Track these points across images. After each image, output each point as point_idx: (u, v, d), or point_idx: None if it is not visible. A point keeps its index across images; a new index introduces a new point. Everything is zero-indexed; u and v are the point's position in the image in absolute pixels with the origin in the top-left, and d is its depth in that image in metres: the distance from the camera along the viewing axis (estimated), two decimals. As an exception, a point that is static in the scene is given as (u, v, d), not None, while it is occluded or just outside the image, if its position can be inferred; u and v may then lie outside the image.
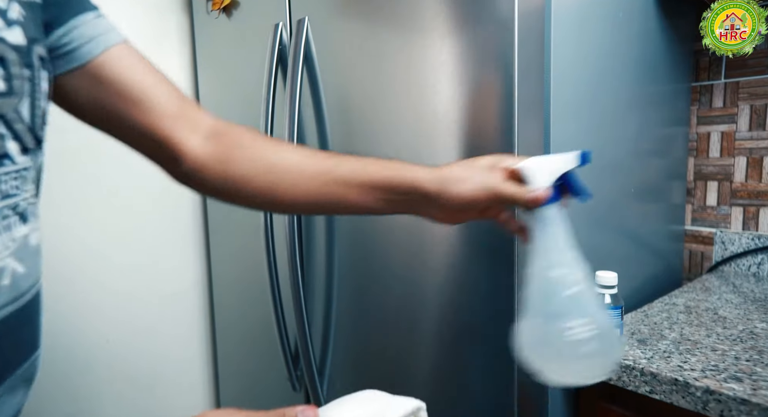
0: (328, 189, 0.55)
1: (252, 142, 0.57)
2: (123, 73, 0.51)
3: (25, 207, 0.40)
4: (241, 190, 0.56)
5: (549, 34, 0.68)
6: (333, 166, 0.56)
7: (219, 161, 0.55)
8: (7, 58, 0.37)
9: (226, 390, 1.33)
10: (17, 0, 0.39)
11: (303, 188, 0.55)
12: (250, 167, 0.55)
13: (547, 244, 0.53)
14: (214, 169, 0.55)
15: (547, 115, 0.70)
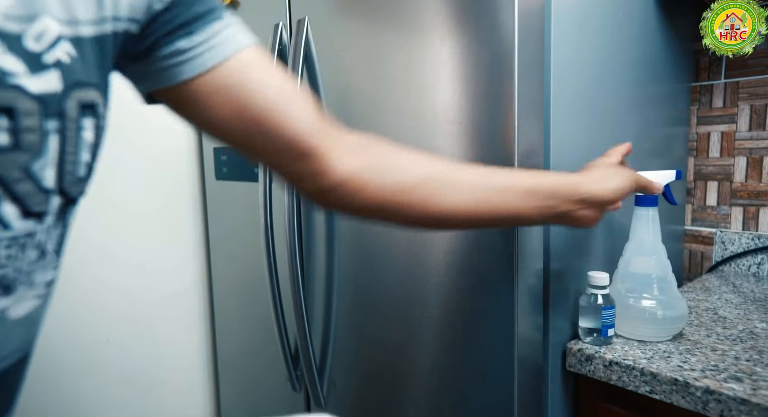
0: (486, 197, 0.54)
1: (401, 153, 0.54)
2: (261, 78, 0.47)
3: (14, 277, 0.35)
4: (397, 202, 0.52)
5: (549, 34, 0.68)
6: (489, 174, 0.55)
7: (373, 171, 0.51)
8: (17, 109, 0.31)
9: (226, 390, 1.33)
10: (70, 38, 0.34)
11: (462, 197, 0.53)
12: (407, 177, 0.52)
13: (641, 235, 0.75)
14: (369, 180, 0.51)
15: (547, 115, 0.70)
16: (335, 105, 0.89)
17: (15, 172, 0.32)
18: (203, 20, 0.45)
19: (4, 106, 0.30)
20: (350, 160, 0.51)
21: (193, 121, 0.48)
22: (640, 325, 0.73)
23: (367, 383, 0.91)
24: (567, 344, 0.74)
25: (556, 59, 0.69)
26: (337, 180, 0.51)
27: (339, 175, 0.50)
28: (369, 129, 0.83)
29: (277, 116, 0.47)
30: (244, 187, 1.13)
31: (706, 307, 0.87)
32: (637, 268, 0.76)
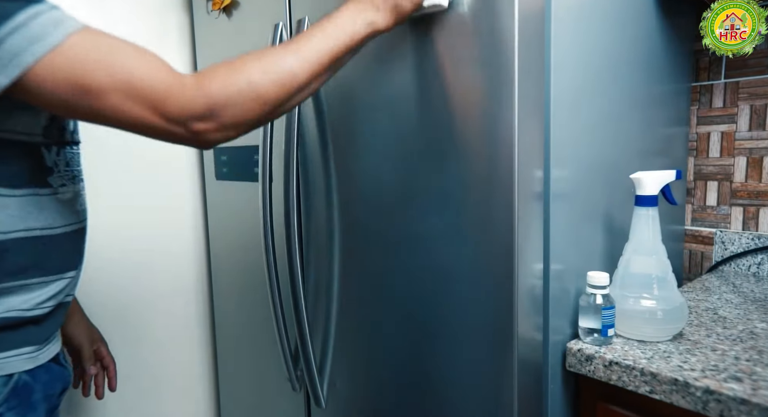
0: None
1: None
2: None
3: (78, 172, 0.72)
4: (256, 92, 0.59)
5: (549, 34, 0.68)
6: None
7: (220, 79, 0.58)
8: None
9: (226, 390, 1.33)
10: None
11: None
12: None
13: (642, 235, 0.76)
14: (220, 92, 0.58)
15: (547, 115, 0.70)
16: (335, 105, 0.89)
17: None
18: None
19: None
20: (208, 80, 0.56)
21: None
22: (640, 325, 0.73)
23: (367, 383, 0.91)
24: (567, 344, 0.74)
25: (556, 59, 0.69)
26: (198, 98, 0.56)
27: (196, 93, 0.56)
28: (369, 129, 0.83)
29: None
30: (244, 187, 1.13)
31: (706, 307, 0.87)
32: (637, 268, 0.76)
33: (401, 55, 0.77)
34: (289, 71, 0.60)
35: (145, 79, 0.53)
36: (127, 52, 0.54)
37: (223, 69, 0.58)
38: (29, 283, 0.64)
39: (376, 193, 0.83)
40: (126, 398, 1.21)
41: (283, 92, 0.60)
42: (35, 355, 0.66)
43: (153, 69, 0.54)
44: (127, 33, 1.17)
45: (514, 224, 0.66)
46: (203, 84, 0.56)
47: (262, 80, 0.58)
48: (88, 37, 0.52)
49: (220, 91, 0.56)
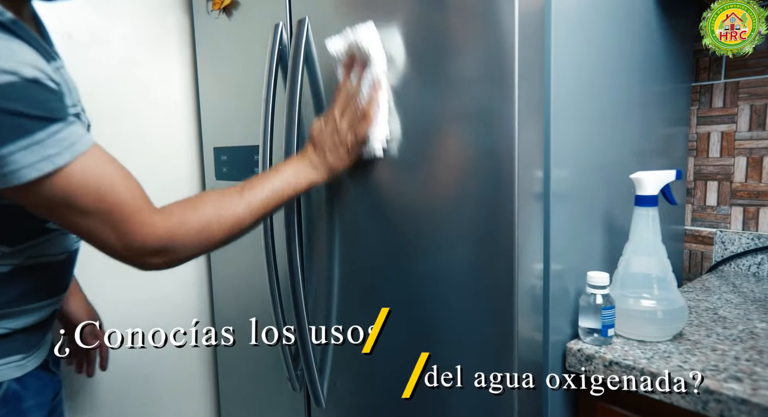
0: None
1: (191, 201, 0.68)
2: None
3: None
4: (208, 235, 0.67)
5: (549, 34, 0.68)
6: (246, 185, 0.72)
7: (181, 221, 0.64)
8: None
9: (226, 390, 1.33)
10: None
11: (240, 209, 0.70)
12: (202, 215, 0.67)
13: (642, 235, 0.75)
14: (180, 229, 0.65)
15: (547, 115, 0.70)
16: (335, 105, 0.89)
17: None
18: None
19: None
20: (165, 220, 0.62)
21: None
22: (640, 325, 0.73)
23: (367, 383, 0.91)
24: (567, 344, 0.74)
25: (556, 59, 0.69)
26: (167, 236, 0.61)
27: (162, 232, 0.61)
28: (369, 129, 0.83)
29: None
30: (244, 187, 1.13)
31: (706, 307, 0.87)
32: (637, 268, 0.76)
33: (402, 54, 0.77)
34: (240, 219, 0.68)
35: (128, 211, 0.58)
36: (120, 181, 0.58)
37: (185, 210, 0.64)
38: (26, 308, 0.66)
39: (376, 192, 0.83)
40: (126, 398, 1.21)
41: (230, 236, 0.68)
42: (23, 363, 0.67)
43: (137, 200, 0.60)
44: (127, 33, 1.17)
45: (514, 224, 0.66)
46: (170, 225, 0.62)
47: (217, 228, 0.66)
48: (93, 159, 0.56)
49: (183, 234, 0.62)
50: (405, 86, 0.77)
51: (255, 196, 0.70)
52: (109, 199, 0.56)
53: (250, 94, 1.06)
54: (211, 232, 0.65)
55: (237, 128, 1.14)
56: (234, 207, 0.67)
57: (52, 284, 0.71)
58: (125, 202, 0.58)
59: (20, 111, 0.49)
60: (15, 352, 0.66)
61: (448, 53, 0.71)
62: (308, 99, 0.93)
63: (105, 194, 0.56)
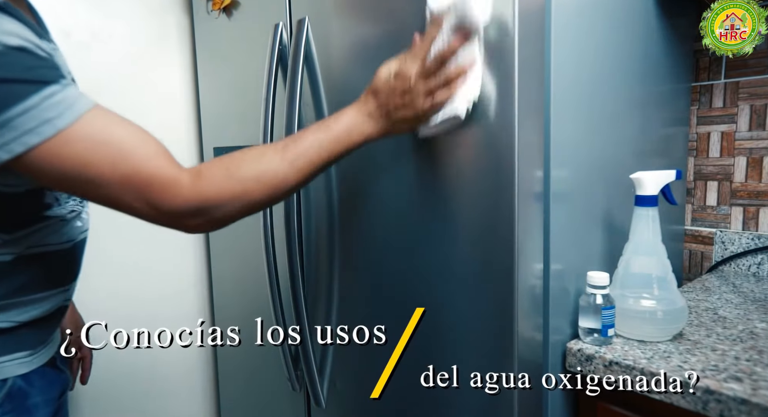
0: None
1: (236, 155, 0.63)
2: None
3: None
4: (249, 193, 0.62)
5: (549, 34, 0.68)
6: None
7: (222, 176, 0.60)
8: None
9: (226, 390, 1.33)
10: None
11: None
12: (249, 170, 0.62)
13: (642, 235, 0.75)
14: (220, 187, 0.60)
15: (547, 115, 0.70)
16: (335, 105, 0.89)
17: None
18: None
19: None
20: (205, 181, 0.58)
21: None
22: (640, 325, 0.73)
23: (367, 383, 0.91)
24: (567, 344, 0.74)
25: (556, 59, 0.69)
26: (199, 198, 0.57)
27: (200, 193, 0.57)
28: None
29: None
30: (244, 187, 1.13)
31: (706, 307, 0.87)
32: (637, 268, 0.76)
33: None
34: (283, 180, 0.62)
35: (146, 174, 0.54)
36: (132, 141, 0.54)
37: (220, 172, 0.59)
38: (32, 298, 0.65)
39: (376, 192, 0.83)
40: (126, 398, 1.21)
41: (273, 198, 0.63)
42: (29, 360, 0.66)
43: (155, 161, 0.55)
44: (127, 33, 1.17)
45: (514, 224, 0.66)
46: (200, 186, 0.57)
47: (255, 188, 0.61)
48: (98, 120, 0.53)
49: (216, 195, 0.58)
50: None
51: (300, 154, 0.63)
52: (123, 162, 0.52)
53: (250, 94, 1.06)
54: (250, 195, 0.60)
55: (237, 128, 1.14)
56: (275, 167, 0.61)
57: (57, 274, 0.69)
58: (141, 163, 0.53)
59: (8, 77, 0.48)
60: (21, 348, 0.65)
61: (448, 53, 0.70)
62: (308, 99, 0.93)
63: (117, 156, 0.52)
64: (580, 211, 0.78)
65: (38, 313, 0.66)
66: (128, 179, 0.53)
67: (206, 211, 0.58)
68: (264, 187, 0.61)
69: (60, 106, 0.50)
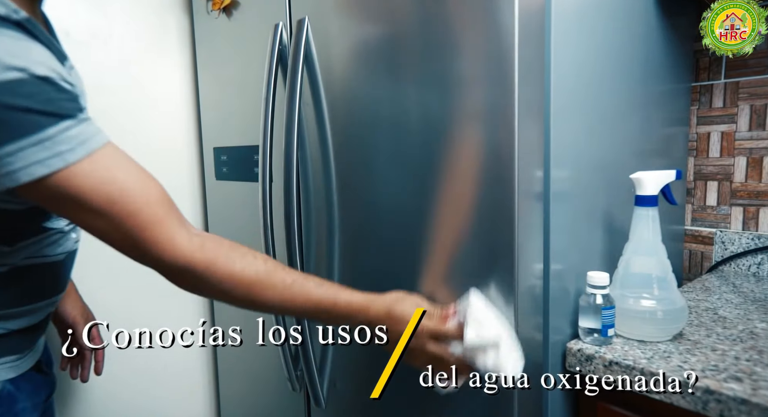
0: (299, 299, 0.64)
1: (239, 252, 0.62)
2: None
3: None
4: (233, 294, 0.61)
5: (549, 34, 0.68)
6: (302, 279, 0.65)
7: (218, 265, 0.59)
8: None
9: (226, 390, 1.33)
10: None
11: (281, 297, 0.63)
12: (243, 276, 0.61)
13: (642, 235, 0.75)
14: (214, 273, 0.59)
15: (547, 115, 0.70)
16: (335, 105, 0.89)
17: None
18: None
19: None
20: (200, 250, 0.57)
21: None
22: (640, 325, 0.73)
23: (367, 383, 0.91)
24: (567, 344, 0.74)
25: (556, 59, 0.69)
26: (185, 262, 0.57)
27: (187, 257, 0.56)
28: (369, 129, 0.83)
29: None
30: (244, 187, 1.13)
31: (706, 307, 0.87)
32: (637, 268, 0.76)
33: (402, 57, 0.77)
34: (265, 303, 0.62)
35: (142, 219, 0.55)
36: (136, 184, 0.55)
37: (224, 257, 0.59)
38: (25, 309, 0.66)
39: (376, 192, 0.83)
40: (126, 398, 1.21)
41: (245, 307, 0.63)
42: (17, 364, 0.66)
43: (154, 207, 0.55)
44: (127, 33, 1.17)
45: (514, 224, 0.66)
46: (195, 255, 0.57)
47: (241, 293, 0.60)
48: (107, 159, 0.53)
49: (205, 271, 0.58)
50: (405, 85, 0.77)
51: (296, 303, 0.63)
52: (121, 202, 0.53)
53: (250, 94, 1.06)
54: (233, 293, 0.61)
55: (237, 128, 1.14)
56: (270, 291, 0.62)
57: (49, 285, 0.70)
58: (140, 208, 0.54)
59: (30, 107, 0.48)
60: (10, 352, 0.65)
61: (448, 53, 0.71)
62: (308, 99, 0.92)
63: (117, 196, 0.53)
64: (580, 211, 0.78)
65: (28, 323, 0.67)
66: (122, 219, 0.54)
67: (187, 277, 0.58)
68: (248, 296, 0.61)
69: (74, 141, 0.51)
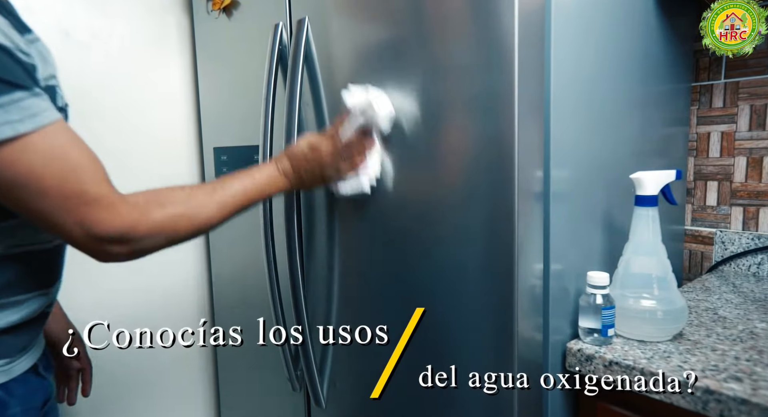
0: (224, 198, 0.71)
1: (162, 193, 0.66)
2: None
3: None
4: (170, 231, 0.64)
5: (549, 34, 0.68)
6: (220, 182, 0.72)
7: (151, 208, 0.63)
8: None
9: (226, 390, 1.33)
10: None
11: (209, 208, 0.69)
12: (174, 209, 0.65)
13: (642, 235, 0.75)
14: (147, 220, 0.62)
15: (547, 115, 0.70)
16: (335, 105, 0.89)
17: None
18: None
19: None
20: (133, 210, 0.60)
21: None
22: (640, 325, 0.73)
23: (367, 383, 0.91)
24: (567, 344, 0.74)
25: (556, 59, 0.69)
26: (124, 226, 0.58)
27: (126, 222, 0.58)
28: (369, 129, 0.83)
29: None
30: (244, 187, 1.13)
31: (706, 307, 0.87)
32: (637, 268, 0.76)
33: (401, 58, 0.77)
34: (209, 218, 0.67)
35: (92, 195, 0.55)
36: (86, 162, 0.56)
37: (153, 205, 0.62)
38: (11, 301, 0.63)
39: (375, 192, 0.83)
40: (126, 399, 1.21)
41: (196, 232, 0.67)
42: (7, 368, 0.63)
43: (103, 185, 0.57)
44: (127, 33, 1.17)
45: (514, 224, 0.66)
46: (131, 211, 0.59)
47: (184, 224, 0.64)
48: (58, 135, 0.53)
49: (146, 225, 0.60)
50: (405, 85, 0.77)
51: (227, 197, 0.70)
52: (72, 181, 0.53)
53: (250, 94, 1.06)
54: (177, 229, 0.64)
55: (237, 128, 1.14)
56: (204, 207, 0.67)
57: (38, 275, 0.67)
58: (88, 186, 0.55)
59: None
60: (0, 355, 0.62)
61: (448, 53, 0.71)
62: (308, 99, 0.93)
63: (68, 174, 0.53)
64: (580, 211, 0.78)
65: (17, 318, 0.64)
66: (72, 197, 0.54)
67: (132, 240, 0.60)
68: (191, 223, 0.65)
69: (25, 112, 0.50)
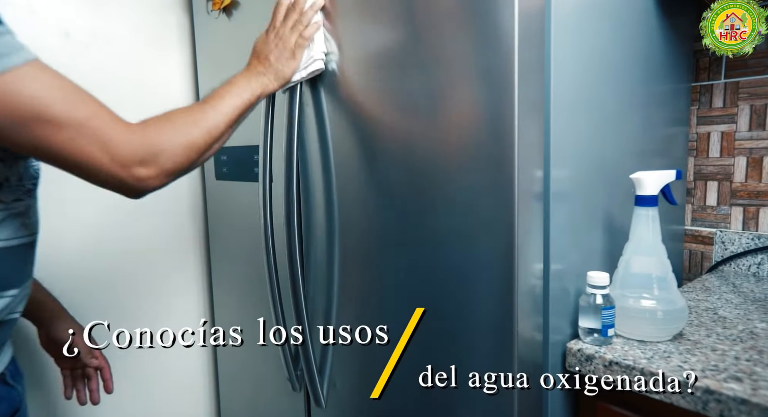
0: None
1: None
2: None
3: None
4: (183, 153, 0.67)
5: (549, 34, 0.68)
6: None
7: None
8: None
9: (226, 390, 1.33)
10: None
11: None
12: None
13: (642, 235, 0.76)
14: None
15: (547, 115, 0.70)
16: (336, 105, 0.89)
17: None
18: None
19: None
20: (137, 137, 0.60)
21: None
22: (640, 325, 0.73)
23: (367, 383, 0.91)
24: (567, 344, 0.74)
25: (556, 59, 0.69)
26: (144, 143, 0.60)
27: (144, 138, 0.60)
28: (369, 128, 0.83)
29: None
30: (244, 187, 1.13)
31: (706, 307, 0.87)
32: (637, 268, 0.76)
33: (401, 55, 0.77)
34: (213, 123, 0.70)
35: (103, 118, 0.56)
36: (81, 91, 0.56)
37: (159, 120, 0.64)
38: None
39: (375, 193, 0.83)
40: (125, 398, 1.21)
41: (209, 140, 0.69)
42: None
43: (107, 109, 0.57)
44: (127, 33, 1.17)
45: (514, 224, 0.66)
46: (145, 131, 0.61)
47: (193, 130, 0.67)
48: (46, 69, 0.53)
49: (160, 138, 0.62)
50: (405, 84, 0.77)
51: (220, 103, 0.72)
52: (80, 105, 0.54)
53: (250, 94, 1.05)
54: (190, 137, 0.66)
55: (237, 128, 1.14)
56: (205, 114, 0.70)
57: (12, 273, 0.64)
58: (98, 107, 0.56)
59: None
60: None
61: (448, 53, 0.71)
62: (308, 99, 0.92)
63: (73, 98, 0.54)
64: (580, 211, 0.78)
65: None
66: (86, 122, 0.54)
67: (155, 156, 0.61)
68: (200, 129, 0.68)
69: (8, 46, 0.50)
